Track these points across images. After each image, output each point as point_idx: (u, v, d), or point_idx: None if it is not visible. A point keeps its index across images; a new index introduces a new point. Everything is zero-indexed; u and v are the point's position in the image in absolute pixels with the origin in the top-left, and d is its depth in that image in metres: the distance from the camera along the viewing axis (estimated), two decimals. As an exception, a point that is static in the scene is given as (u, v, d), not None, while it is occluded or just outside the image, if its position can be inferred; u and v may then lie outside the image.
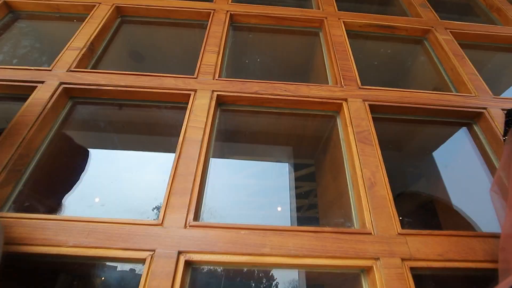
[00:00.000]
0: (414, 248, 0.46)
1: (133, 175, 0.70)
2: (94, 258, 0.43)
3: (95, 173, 0.64)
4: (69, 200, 0.58)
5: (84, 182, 0.62)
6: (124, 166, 0.72)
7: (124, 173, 0.70)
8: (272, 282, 0.58)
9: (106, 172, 0.67)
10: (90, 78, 0.66)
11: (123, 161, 0.73)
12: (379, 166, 0.54)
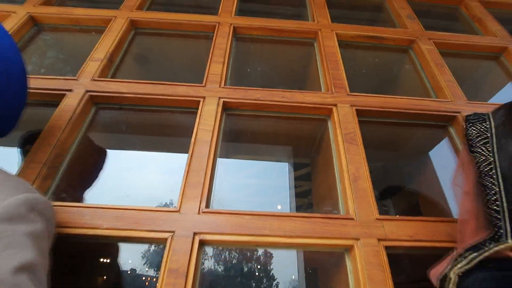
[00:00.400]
0: (389, 231, 0.55)
1: (151, 171, 0.80)
2: (124, 238, 0.53)
3: (118, 169, 0.73)
4: (99, 192, 0.67)
5: (110, 177, 0.71)
6: (142, 164, 0.81)
7: (143, 169, 0.79)
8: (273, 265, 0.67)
9: (128, 169, 0.77)
10: (112, 86, 0.75)
11: (141, 160, 0.83)
12: (363, 163, 0.63)
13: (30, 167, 0.59)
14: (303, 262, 0.70)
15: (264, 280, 0.65)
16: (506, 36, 1.06)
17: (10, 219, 0.38)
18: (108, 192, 0.64)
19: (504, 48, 1.02)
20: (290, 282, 0.66)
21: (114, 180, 0.70)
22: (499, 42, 1.03)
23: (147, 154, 0.88)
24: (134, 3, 1.01)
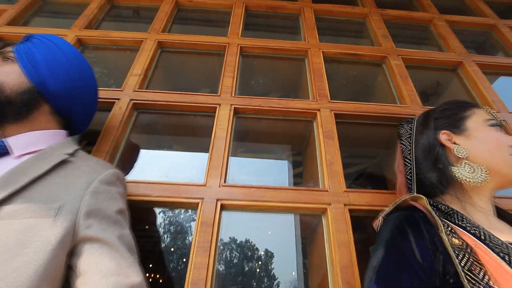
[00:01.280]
0: (352, 199, 0.78)
1: (181, 161, 1.04)
2: (169, 203, 0.76)
3: (157, 157, 0.96)
4: (146, 173, 0.91)
5: (152, 163, 0.95)
6: (174, 157, 1.05)
7: (174, 159, 1.02)
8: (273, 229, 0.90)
9: (163, 160, 1.00)
10: (149, 96, 0.99)
11: (172, 154, 1.07)
12: (336, 152, 0.87)
13: (97, 155, 0.83)
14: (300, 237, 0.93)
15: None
16: (463, 52, 1.30)
17: (108, 183, 0.61)
18: (152, 174, 0.87)
19: (460, 62, 1.26)
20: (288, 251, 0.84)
21: (156, 168, 0.93)
22: (456, 57, 1.27)
23: (177, 145, 1.12)
24: (159, 26, 1.24)
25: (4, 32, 1.20)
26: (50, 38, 0.71)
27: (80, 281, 0.49)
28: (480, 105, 0.66)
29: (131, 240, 0.58)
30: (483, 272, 0.42)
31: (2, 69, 0.62)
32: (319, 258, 0.75)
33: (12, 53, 0.64)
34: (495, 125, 0.60)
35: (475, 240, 0.47)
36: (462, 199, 0.57)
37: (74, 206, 0.54)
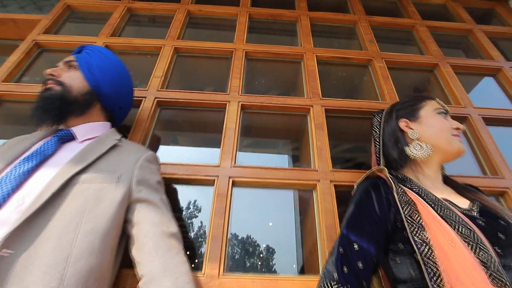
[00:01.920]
0: (337, 177, 0.98)
1: (198, 149, 1.24)
2: (191, 180, 0.96)
3: (177, 148, 1.16)
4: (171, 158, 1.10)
5: (174, 154, 1.14)
6: (190, 146, 1.24)
7: (191, 147, 1.22)
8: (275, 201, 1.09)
9: (182, 148, 1.20)
10: (170, 94, 1.18)
11: (189, 143, 1.27)
12: (325, 140, 1.06)
13: (131, 143, 1.02)
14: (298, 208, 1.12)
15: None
16: (439, 55, 1.48)
17: (149, 161, 0.81)
18: (175, 158, 1.07)
19: (436, 64, 1.44)
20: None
21: (178, 154, 1.13)
22: (432, 60, 1.45)
23: (191, 135, 1.32)
24: (175, 34, 1.43)
25: (42, 40, 1.39)
26: (99, 49, 0.90)
27: (135, 229, 0.69)
28: (433, 97, 0.85)
29: (168, 203, 0.78)
30: (418, 216, 0.61)
31: (69, 75, 0.82)
32: (311, 222, 0.95)
33: (75, 62, 0.84)
34: (442, 112, 0.79)
35: (417, 197, 0.66)
36: (414, 170, 0.76)
37: (128, 176, 0.73)
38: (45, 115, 0.76)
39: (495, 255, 0.51)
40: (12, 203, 0.60)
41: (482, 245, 0.52)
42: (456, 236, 0.54)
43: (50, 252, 0.56)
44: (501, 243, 0.54)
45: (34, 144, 0.77)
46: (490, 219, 0.61)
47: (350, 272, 0.57)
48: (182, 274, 0.64)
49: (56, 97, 0.76)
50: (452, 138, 0.75)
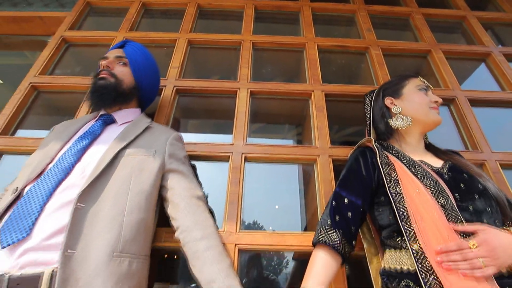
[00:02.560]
0: (335, 152, 1.13)
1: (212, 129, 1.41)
2: (210, 156, 1.12)
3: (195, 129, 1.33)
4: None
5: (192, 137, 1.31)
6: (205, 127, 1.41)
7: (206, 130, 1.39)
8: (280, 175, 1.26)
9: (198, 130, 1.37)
10: (187, 83, 1.33)
11: (204, 125, 1.43)
12: (324, 121, 1.21)
13: (156, 126, 1.18)
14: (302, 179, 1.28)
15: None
16: (432, 41, 1.59)
17: (177, 140, 0.98)
18: (194, 138, 1.23)
19: (429, 51, 1.56)
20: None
21: (194, 136, 1.30)
22: (425, 47, 1.57)
23: (206, 122, 1.48)
24: (188, 27, 1.57)
25: (69, 36, 1.54)
26: (140, 47, 1.06)
27: (169, 193, 0.87)
28: (416, 75, 0.98)
29: (193, 173, 0.95)
30: (395, 173, 0.77)
31: (121, 70, 0.98)
32: (312, 190, 1.12)
33: (126, 59, 0.99)
34: (422, 89, 0.92)
35: (396, 160, 0.81)
36: (398, 139, 0.91)
37: (161, 151, 0.90)
38: (102, 101, 0.93)
39: (454, 200, 0.67)
40: (76, 172, 0.77)
41: (443, 192, 0.68)
42: (422, 186, 0.69)
43: (110, 207, 0.73)
44: (461, 191, 0.69)
45: (82, 127, 0.94)
46: (456, 173, 0.76)
47: (341, 219, 0.74)
48: (208, 227, 0.82)
49: (111, 88, 0.93)
50: (429, 110, 0.89)
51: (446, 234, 0.59)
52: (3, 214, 0.71)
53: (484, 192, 0.69)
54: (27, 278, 0.60)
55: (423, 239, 0.60)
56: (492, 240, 0.55)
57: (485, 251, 0.54)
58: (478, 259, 0.53)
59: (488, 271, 0.52)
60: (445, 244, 0.57)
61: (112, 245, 0.69)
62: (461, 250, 0.55)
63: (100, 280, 0.64)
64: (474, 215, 0.64)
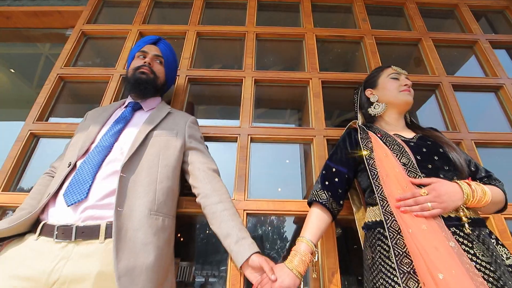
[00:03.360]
0: (329, 133, 1.30)
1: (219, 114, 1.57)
2: (220, 137, 1.30)
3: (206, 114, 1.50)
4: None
5: (202, 122, 1.48)
6: (213, 113, 1.58)
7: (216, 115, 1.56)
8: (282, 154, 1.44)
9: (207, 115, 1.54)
10: (197, 72, 1.48)
11: (213, 111, 1.60)
12: (321, 106, 1.37)
13: (173, 112, 1.35)
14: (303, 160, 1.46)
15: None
16: (423, 30, 1.71)
17: (193, 123, 1.15)
18: (204, 122, 1.40)
19: (419, 39, 1.68)
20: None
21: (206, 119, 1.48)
22: (416, 35, 1.69)
23: (214, 108, 1.65)
24: (196, 19, 1.70)
25: (87, 29, 1.68)
26: (170, 47, 1.24)
27: (190, 166, 1.05)
28: (389, 65, 1.12)
29: (208, 150, 1.13)
30: (371, 145, 0.94)
31: (158, 68, 1.16)
32: (310, 165, 1.29)
33: (162, 58, 1.16)
34: (393, 77, 1.07)
35: (373, 135, 0.98)
36: (380, 120, 1.07)
37: (182, 132, 1.07)
38: (143, 93, 1.11)
39: (415, 160, 0.83)
40: (116, 150, 0.95)
41: (406, 154, 0.85)
42: (390, 152, 0.87)
43: (145, 176, 0.92)
44: (422, 154, 0.86)
45: (113, 112, 1.11)
46: (421, 141, 0.92)
47: (329, 184, 0.92)
48: (224, 193, 1.00)
49: (150, 83, 1.11)
50: (399, 94, 1.03)
51: (405, 186, 0.77)
52: (62, 182, 0.89)
53: (444, 155, 0.85)
54: (89, 228, 0.79)
55: (387, 191, 0.78)
56: (439, 188, 0.72)
57: (433, 196, 0.71)
58: (427, 203, 0.71)
59: (434, 212, 0.70)
60: (403, 193, 0.75)
61: (149, 205, 0.87)
62: (415, 197, 0.73)
63: (143, 231, 0.83)
64: (432, 172, 0.81)
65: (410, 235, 0.69)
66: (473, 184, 0.73)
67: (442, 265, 0.61)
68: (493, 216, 1.14)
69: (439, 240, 0.65)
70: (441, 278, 0.59)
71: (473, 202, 0.71)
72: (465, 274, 0.59)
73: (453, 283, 0.58)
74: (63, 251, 0.76)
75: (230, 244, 0.90)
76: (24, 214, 0.86)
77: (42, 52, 2.69)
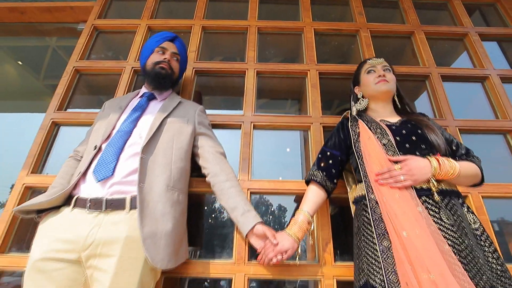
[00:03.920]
0: (325, 120, 1.42)
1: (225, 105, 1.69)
2: (226, 124, 1.42)
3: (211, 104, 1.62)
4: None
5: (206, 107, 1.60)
6: (218, 103, 1.70)
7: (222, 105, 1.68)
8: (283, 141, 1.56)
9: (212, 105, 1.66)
10: (203, 65, 1.60)
11: (218, 101, 1.72)
12: (318, 95, 1.48)
13: (181, 101, 1.47)
14: (303, 144, 1.59)
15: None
16: (416, 23, 1.81)
17: (202, 111, 1.28)
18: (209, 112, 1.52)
19: (412, 32, 1.78)
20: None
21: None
22: (409, 28, 1.79)
23: (220, 98, 1.77)
24: (201, 14, 1.80)
25: (98, 24, 1.78)
26: (184, 45, 1.36)
27: (200, 150, 1.18)
28: (365, 61, 1.23)
29: (215, 136, 1.26)
30: (358, 130, 1.06)
31: (176, 65, 1.29)
32: (308, 149, 1.42)
33: (179, 56, 1.28)
34: (369, 71, 1.18)
35: (361, 122, 1.10)
36: (369, 110, 1.19)
37: (192, 119, 1.20)
38: (161, 86, 1.24)
39: (394, 141, 0.95)
40: (135, 134, 1.08)
41: (386, 136, 0.97)
42: (372, 135, 0.99)
43: (162, 157, 1.05)
44: (402, 135, 0.98)
45: (130, 102, 1.23)
46: (403, 125, 1.03)
47: (324, 165, 1.05)
48: (230, 173, 1.13)
49: (168, 78, 1.24)
50: (375, 86, 1.13)
51: (384, 163, 0.90)
52: (90, 163, 1.02)
53: (421, 135, 0.97)
54: (116, 201, 0.93)
55: (368, 168, 0.92)
56: (411, 164, 0.85)
57: (405, 170, 0.84)
58: (400, 176, 0.84)
59: (406, 183, 0.83)
60: (381, 169, 0.88)
61: (166, 182, 1.01)
62: (390, 171, 0.86)
63: (162, 203, 0.96)
64: (409, 150, 0.93)
65: (384, 203, 0.82)
66: (442, 159, 0.86)
67: (407, 225, 0.74)
68: (472, 194, 1.27)
69: (408, 206, 0.78)
70: (405, 236, 0.73)
71: (440, 174, 0.84)
72: (427, 232, 0.72)
73: (415, 239, 0.72)
74: (96, 219, 0.90)
75: (237, 216, 1.04)
76: (57, 190, 0.99)
77: (49, 44, 2.78)
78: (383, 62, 1.18)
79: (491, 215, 1.25)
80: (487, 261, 0.76)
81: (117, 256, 0.85)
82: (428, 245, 0.71)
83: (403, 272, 0.71)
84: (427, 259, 0.69)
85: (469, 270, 0.70)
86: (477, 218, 0.87)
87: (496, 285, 0.71)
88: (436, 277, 0.66)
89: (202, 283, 1.44)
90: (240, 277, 1.10)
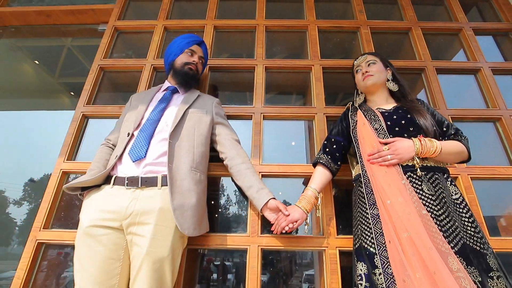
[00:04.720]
0: (328, 111, 1.57)
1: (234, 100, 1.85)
2: (237, 115, 1.57)
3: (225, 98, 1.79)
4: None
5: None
6: (231, 97, 1.86)
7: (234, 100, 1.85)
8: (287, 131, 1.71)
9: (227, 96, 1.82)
10: (217, 61, 1.75)
11: (229, 96, 1.88)
12: (321, 88, 1.63)
13: (198, 95, 1.63)
14: (308, 133, 1.74)
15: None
16: (413, 20, 1.93)
17: (218, 103, 1.44)
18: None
19: (410, 28, 1.91)
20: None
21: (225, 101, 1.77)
22: (407, 24, 1.91)
23: (231, 93, 1.92)
24: (212, 14, 1.94)
25: (119, 25, 1.94)
26: (206, 48, 1.51)
27: (217, 137, 1.34)
28: (354, 59, 1.37)
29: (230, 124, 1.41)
30: (356, 118, 1.21)
31: (200, 67, 1.46)
32: (313, 137, 1.57)
33: (203, 59, 1.45)
34: (357, 71, 1.33)
35: (359, 111, 1.24)
36: (368, 101, 1.33)
37: (210, 110, 1.36)
38: (188, 84, 1.39)
39: (385, 126, 1.10)
40: (162, 123, 1.24)
41: (378, 121, 1.11)
42: (367, 121, 1.14)
43: (186, 142, 1.21)
44: (393, 120, 1.11)
45: (155, 95, 1.39)
46: (396, 111, 1.17)
47: (329, 150, 1.21)
48: (245, 156, 1.29)
49: (194, 77, 1.40)
50: (362, 82, 1.27)
51: (375, 145, 1.05)
52: (125, 147, 1.19)
53: (410, 119, 1.09)
54: (150, 178, 1.09)
55: (362, 150, 1.07)
56: (397, 144, 1.00)
57: (392, 150, 0.99)
58: (387, 156, 0.99)
59: (392, 162, 0.98)
60: (373, 150, 1.04)
61: (190, 164, 1.17)
62: (379, 152, 1.01)
63: (187, 181, 1.13)
64: (398, 133, 1.07)
65: (374, 178, 0.98)
66: (424, 140, 1.00)
67: (391, 195, 0.90)
68: (461, 176, 1.41)
69: (393, 180, 0.94)
70: (389, 203, 0.88)
71: (423, 153, 0.99)
72: (409, 201, 0.88)
73: (397, 206, 0.87)
74: (133, 194, 1.07)
75: (252, 193, 1.20)
76: (96, 172, 1.16)
77: (64, 44, 2.95)
78: (366, 58, 1.31)
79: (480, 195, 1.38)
80: (463, 225, 0.91)
81: (153, 224, 1.02)
82: (408, 210, 0.86)
83: (388, 232, 0.86)
84: (406, 221, 0.84)
85: (445, 231, 0.85)
86: (458, 190, 1.01)
87: (468, 242, 0.86)
88: (412, 234, 0.81)
89: (214, 261, 1.60)
90: (254, 248, 1.26)
